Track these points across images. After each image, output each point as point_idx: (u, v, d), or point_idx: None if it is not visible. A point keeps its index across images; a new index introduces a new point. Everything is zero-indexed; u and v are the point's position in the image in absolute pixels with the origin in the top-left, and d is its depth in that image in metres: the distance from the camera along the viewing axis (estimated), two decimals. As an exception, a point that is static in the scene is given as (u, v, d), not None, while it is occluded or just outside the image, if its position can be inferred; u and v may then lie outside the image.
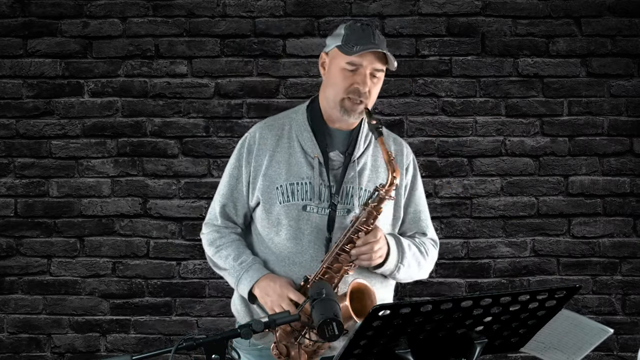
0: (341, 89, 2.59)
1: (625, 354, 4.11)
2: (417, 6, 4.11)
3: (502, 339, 2.22)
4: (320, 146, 2.65)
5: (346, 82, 2.59)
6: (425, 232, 2.81)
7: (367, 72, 2.58)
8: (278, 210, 2.64)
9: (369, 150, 2.70)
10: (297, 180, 2.64)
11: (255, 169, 2.68)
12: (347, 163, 2.66)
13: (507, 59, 4.12)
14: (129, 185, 4.13)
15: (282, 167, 2.65)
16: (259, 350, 2.69)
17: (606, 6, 4.10)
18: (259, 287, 2.62)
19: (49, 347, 4.14)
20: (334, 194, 2.63)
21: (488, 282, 4.13)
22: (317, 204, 2.63)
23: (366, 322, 2.01)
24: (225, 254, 2.71)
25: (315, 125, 2.68)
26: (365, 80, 2.58)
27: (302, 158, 2.65)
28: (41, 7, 4.11)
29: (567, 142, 4.13)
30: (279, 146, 2.68)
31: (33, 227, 4.14)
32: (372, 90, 2.60)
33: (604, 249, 4.13)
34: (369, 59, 2.57)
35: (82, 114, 4.13)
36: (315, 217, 2.63)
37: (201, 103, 4.12)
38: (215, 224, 2.76)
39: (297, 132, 2.68)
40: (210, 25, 4.12)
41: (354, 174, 2.65)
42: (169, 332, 4.13)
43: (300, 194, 2.63)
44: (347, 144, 2.68)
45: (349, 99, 2.59)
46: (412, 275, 2.74)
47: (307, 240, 2.63)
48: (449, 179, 4.13)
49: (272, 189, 2.65)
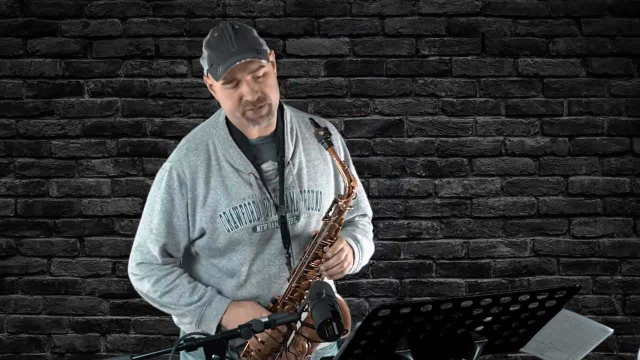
0: (235, 107, 2.45)
1: (625, 354, 4.12)
2: (417, 6, 4.11)
3: (502, 339, 2.22)
4: (250, 160, 2.52)
5: (235, 99, 2.43)
6: (365, 212, 2.77)
7: (247, 79, 2.41)
8: (228, 238, 2.51)
9: (299, 148, 2.58)
10: (239, 203, 2.50)
11: (192, 200, 2.51)
12: (281, 169, 2.54)
13: (507, 59, 4.12)
14: (129, 185, 4.13)
15: (219, 193, 2.50)
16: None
17: (606, 6, 4.10)
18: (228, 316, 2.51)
19: (49, 347, 4.14)
20: (280, 205, 2.52)
21: (488, 282, 4.13)
22: (265, 221, 2.51)
23: (366, 322, 2.01)
24: (179, 293, 2.54)
25: (237, 139, 2.53)
26: (250, 87, 2.41)
27: (237, 178, 2.51)
28: (41, 7, 4.11)
29: (567, 142, 4.13)
30: (210, 170, 2.52)
31: (33, 227, 4.14)
32: (264, 89, 2.43)
33: (604, 249, 4.13)
34: (239, 69, 2.39)
35: (82, 114, 4.13)
36: (266, 235, 2.52)
37: (201, 103, 4.12)
38: (153, 263, 2.56)
39: (222, 151, 2.52)
40: (210, 25, 4.11)
41: (292, 178, 2.54)
42: (169, 332, 4.13)
43: (247, 216, 2.50)
44: (275, 148, 2.55)
45: (248, 111, 2.44)
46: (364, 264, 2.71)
47: (262, 260, 2.54)
48: (449, 179, 4.13)
49: (215, 217, 2.50)
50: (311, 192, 2.57)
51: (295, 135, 2.58)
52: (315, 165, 2.60)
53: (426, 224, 4.11)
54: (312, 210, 2.57)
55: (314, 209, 2.57)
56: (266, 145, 2.55)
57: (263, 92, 2.43)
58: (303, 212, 2.55)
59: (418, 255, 4.14)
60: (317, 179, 2.59)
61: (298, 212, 2.54)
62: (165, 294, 2.55)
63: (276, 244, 2.54)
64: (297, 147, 2.58)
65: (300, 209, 2.54)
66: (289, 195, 2.54)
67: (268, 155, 2.55)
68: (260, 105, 2.44)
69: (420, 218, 4.14)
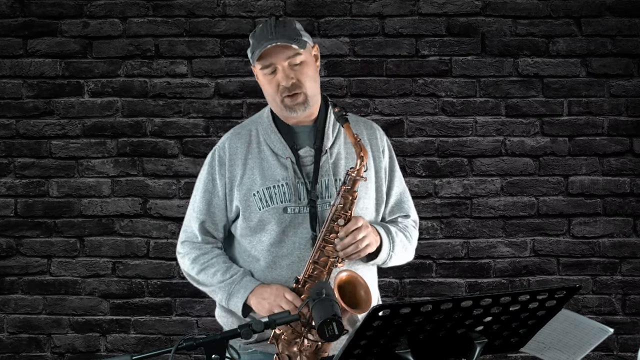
0: (273, 93, 2.60)
1: (625, 354, 4.12)
2: (417, 6, 4.11)
3: (502, 339, 2.22)
4: (289, 145, 2.65)
5: (273, 85, 2.59)
6: (408, 213, 2.81)
7: (284, 65, 2.56)
8: (259, 217, 2.62)
9: (339, 140, 2.68)
10: (273, 184, 2.62)
11: (230, 180, 2.66)
12: (318, 157, 2.64)
13: (507, 59, 4.12)
14: (129, 185, 4.13)
15: (256, 174, 2.64)
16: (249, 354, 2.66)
17: (606, 6, 4.10)
18: (254, 296, 2.59)
19: (49, 347, 4.14)
20: (311, 190, 2.61)
21: (488, 282, 4.13)
22: (297, 203, 2.61)
23: (366, 322, 2.01)
24: (213, 271, 2.67)
25: (279, 125, 2.67)
26: (285, 74, 2.56)
27: (274, 161, 2.64)
28: (41, 7, 4.11)
29: (567, 142, 4.13)
30: (250, 153, 2.66)
31: (33, 227, 4.14)
32: (300, 77, 2.57)
33: (604, 249, 4.13)
34: (275, 55, 2.55)
35: (82, 114, 4.13)
36: (297, 218, 2.61)
37: (201, 103, 4.12)
38: (195, 242, 2.73)
39: (264, 135, 2.68)
40: (210, 25, 4.12)
41: (328, 166, 2.63)
42: (169, 332, 4.13)
43: (279, 196, 2.61)
44: (314, 137, 2.66)
45: (286, 97, 2.58)
46: (400, 261, 2.75)
47: (292, 242, 2.61)
48: (449, 179, 4.13)
49: (250, 196, 2.63)
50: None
51: (337, 130, 2.68)
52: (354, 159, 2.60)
53: (426, 224, 4.11)
54: None
55: None
56: (305, 133, 2.67)
57: (298, 79, 2.57)
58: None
59: (418, 255, 4.10)
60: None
61: (331, 198, 2.61)
62: (202, 271, 2.69)
63: (306, 227, 2.61)
64: (337, 138, 2.67)
65: (332, 196, 2.60)
66: (323, 182, 2.63)
67: (306, 142, 2.66)
68: (295, 93, 2.57)
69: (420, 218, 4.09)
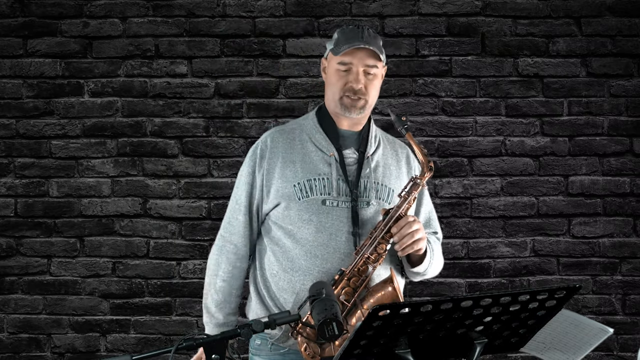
0: (338, 89, 2.69)
1: (625, 354, 4.11)
2: (417, 6, 4.11)
3: (502, 339, 2.22)
4: (334, 145, 2.73)
5: (341, 82, 2.68)
6: (436, 230, 2.89)
7: (359, 69, 2.66)
8: (298, 207, 2.67)
9: (379, 150, 2.79)
10: (313, 176, 2.69)
11: (268, 171, 2.72)
12: (361, 160, 2.74)
13: (507, 59, 4.12)
14: (129, 185, 4.13)
15: (297, 166, 2.70)
16: (282, 355, 2.69)
17: (606, 6, 4.10)
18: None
19: (49, 347, 4.14)
20: (352, 188, 2.69)
21: (488, 282, 4.13)
22: (336, 197, 2.68)
23: (366, 322, 2.01)
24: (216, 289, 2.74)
25: (325, 127, 2.75)
26: (358, 77, 2.66)
27: (318, 156, 2.71)
28: (41, 7, 4.11)
29: (567, 142, 4.13)
30: (292, 147, 2.73)
31: (33, 227, 4.14)
32: (368, 86, 2.68)
33: (604, 249, 4.13)
34: (358, 57, 2.66)
35: (82, 114, 4.13)
36: (335, 211, 2.68)
37: (201, 103, 4.12)
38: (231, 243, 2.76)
39: (309, 134, 2.75)
40: (210, 25, 4.12)
41: (369, 169, 2.73)
42: (169, 332, 4.13)
43: (319, 188, 2.68)
44: (358, 143, 2.76)
45: (347, 97, 2.68)
46: (432, 273, 2.82)
47: (329, 234, 2.66)
48: (449, 179, 4.13)
49: (289, 187, 2.69)
50: (384, 186, 2.75)
51: (378, 141, 2.80)
52: (391, 169, 2.79)
53: (426, 224, 4.11)
54: (382, 201, 2.73)
55: (384, 201, 2.73)
56: (351, 138, 2.76)
57: (366, 87, 2.68)
58: (373, 200, 2.71)
59: (418, 255, 4.14)
60: (390, 178, 2.77)
61: (369, 199, 2.71)
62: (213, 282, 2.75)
63: (344, 221, 2.67)
64: (377, 149, 2.79)
65: (371, 197, 2.71)
66: (362, 183, 2.72)
67: (351, 145, 2.76)
68: (358, 97, 2.67)
69: (420, 218, 4.14)
